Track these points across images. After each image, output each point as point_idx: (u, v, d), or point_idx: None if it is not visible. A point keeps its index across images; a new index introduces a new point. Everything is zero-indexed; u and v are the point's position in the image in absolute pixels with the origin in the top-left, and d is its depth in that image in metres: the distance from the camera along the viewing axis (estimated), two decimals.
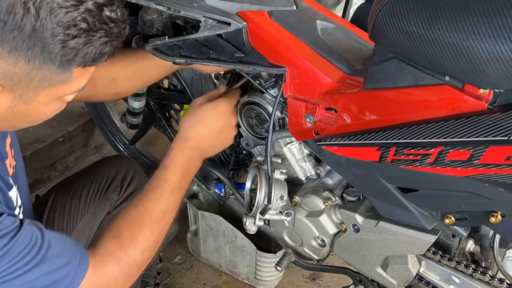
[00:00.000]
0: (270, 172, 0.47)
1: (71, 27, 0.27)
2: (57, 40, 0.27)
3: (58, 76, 0.29)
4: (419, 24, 0.33)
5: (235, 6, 0.44)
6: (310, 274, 0.77)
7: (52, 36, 0.27)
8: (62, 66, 0.28)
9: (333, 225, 0.49)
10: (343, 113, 0.41)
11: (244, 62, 0.44)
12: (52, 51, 0.27)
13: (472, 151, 0.33)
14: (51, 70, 0.28)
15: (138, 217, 0.40)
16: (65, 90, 0.31)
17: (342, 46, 0.47)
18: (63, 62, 0.28)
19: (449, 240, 0.46)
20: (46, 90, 0.30)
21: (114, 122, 0.88)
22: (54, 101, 0.32)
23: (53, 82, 0.29)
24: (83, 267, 0.34)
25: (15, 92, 0.29)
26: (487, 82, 0.32)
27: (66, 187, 0.55)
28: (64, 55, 0.28)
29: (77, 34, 0.27)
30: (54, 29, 0.26)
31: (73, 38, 0.27)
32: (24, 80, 0.28)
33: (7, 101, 0.29)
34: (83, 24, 0.27)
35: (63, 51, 0.27)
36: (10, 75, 0.28)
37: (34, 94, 0.30)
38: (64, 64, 0.28)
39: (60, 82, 0.30)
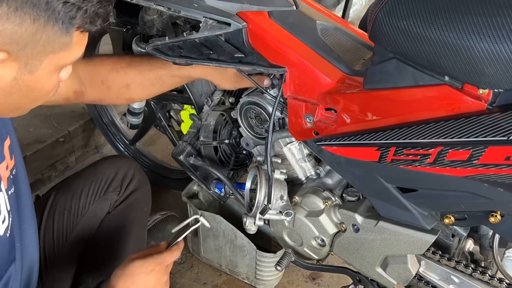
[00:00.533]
0: (270, 172, 0.47)
1: None
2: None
3: (60, 39, 0.30)
4: (418, 24, 0.33)
5: (235, 7, 0.44)
6: (310, 274, 0.77)
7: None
8: (65, 25, 0.29)
9: (333, 225, 0.49)
10: (343, 113, 0.41)
11: (244, 62, 0.45)
12: (55, 8, 0.28)
13: (471, 151, 0.33)
14: (55, 30, 0.29)
15: None
16: (66, 58, 0.31)
17: (342, 47, 0.47)
18: (65, 20, 0.29)
19: (448, 240, 0.46)
20: (49, 57, 0.30)
21: (114, 122, 0.89)
22: (56, 71, 0.32)
23: (56, 46, 0.30)
24: None
25: (20, 60, 0.29)
26: (487, 82, 0.32)
27: (66, 187, 0.55)
28: (66, 12, 0.28)
29: None
30: None
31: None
32: (30, 43, 0.29)
33: (13, 71, 0.29)
34: None
35: (65, 7, 0.28)
36: (16, 37, 0.28)
37: (38, 62, 0.30)
38: (67, 23, 0.29)
39: (62, 46, 0.30)
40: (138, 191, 0.57)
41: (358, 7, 1.04)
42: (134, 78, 0.50)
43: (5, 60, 0.28)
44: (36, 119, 0.90)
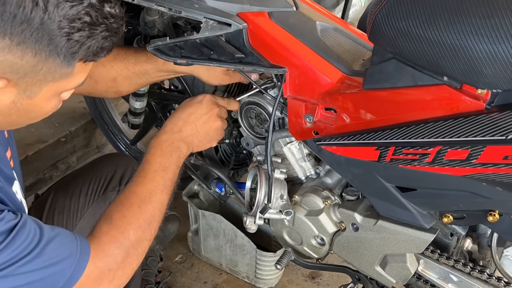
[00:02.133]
0: (270, 171, 0.47)
1: (76, 20, 0.28)
2: (63, 32, 0.28)
3: (61, 70, 0.30)
4: (417, 25, 0.33)
5: (235, 7, 0.44)
6: (310, 273, 0.77)
7: (58, 29, 0.28)
8: (67, 59, 0.29)
9: (332, 224, 0.49)
10: (343, 113, 0.42)
11: (245, 62, 0.45)
12: (58, 44, 0.28)
13: (470, 150, 0.33)
14: (56, 63, 0.29)
15: (125, 199, 0.41)
16: (66, 85, 0.32)
17: (342, 47, 0.47)
18: (67, 55, 0.29)
19: (447, 239, 0.46)
20: (49, 85, 0.31)
21: (115, 122, 0.89)
22: (55, 96, 0.33)
23: (56, 76, 0.30)
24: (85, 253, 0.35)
25: (20, 86, 0.30)
26: (485, 82, 0.33)
27: (65, 186, 0.56)
28: (69, 48, 0.29)
29: (81, 27, 0.28)
30: (60, 21, 0.28)
31: (78, 31, 0.28)
32: (30, 73, 0.29)
33: (11, 96, 0.30)
34: (86, 18, 0.29)
35: (68, 43, 0.29)
36: (17, 68, 0.28)
37: (37, 88, 0.30)
38: (69, 57, 0.29)
39: (62, 76, 0.31)
40: None
41: (358, 8, 1.04)
42: (120, 72, 0.50)
43: (5, 86, 0.29)
44: None
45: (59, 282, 0.33)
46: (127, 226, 0.39)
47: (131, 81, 0.51)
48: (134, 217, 0.40)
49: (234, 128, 0.58)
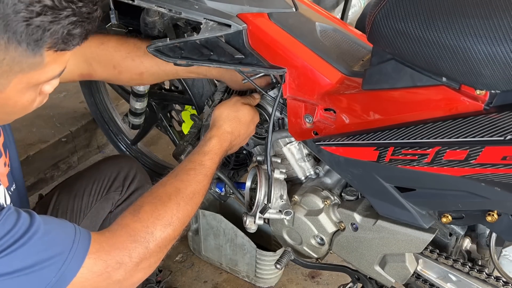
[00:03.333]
0: (269, 171, 0.47)
1: (34, 3, 0.26)
2: (20, 17, 0.26)
3: (28, 59, 0.28)
4: (416, 26, 0.33)
5: (235, 8, 0.45)
6: (309, 272, 0.77)
7: (14, 13, 0.25)
8: (31, 47, 0.27)
9: (332, 224, 0.50)
10: (342, 113, 0.42)
11: (244, 63, 0.45)
12: (16, 30, 0.26)
13: (468, 151, 0.34)
14: (19, 51, 0.27)
15: (164, 194, 0.38)
16: (39, 77, 0.29)
17: (341, 48, 0.47)
18: (30, 42, 0.27)
19: (446, 239, 0.46)
20: (18, 76, 0.28)
21: (116, 123, 0.89)
22: (29, 89, 0.30)
23: (24, 66, 0.28)
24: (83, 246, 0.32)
25: None
26: (484, 83, 0.33)
27: (68, 187, 0.56)
28: (30, 34, 0.26)
29: (41, 11, 0.26)
30: (15, 5, 0.25)
31: (38, 15, 0.26)
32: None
33: None
34: (47, 1, 0.26)
35: (28, 29, 0.26)
36: None
37: (5, 80, 0.28)
38: (32, 45, 0.27)
39: (31, 66, 0.28)
40: (140, 190, 0.58)
41: (357, 8, 1.04)
42: (149, 68, 0.49)
43: None
44: (39, 120, 0.91)
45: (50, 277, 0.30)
46: (155, 221, 0.36)
47: (157, 77, 0.51)
48: (168, 213, 0.37)
49: None
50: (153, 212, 0.37)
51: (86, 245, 0.33)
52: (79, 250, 0.32)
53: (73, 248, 0.32)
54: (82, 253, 0.32)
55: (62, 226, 0.33)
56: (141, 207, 0.37)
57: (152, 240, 0.36)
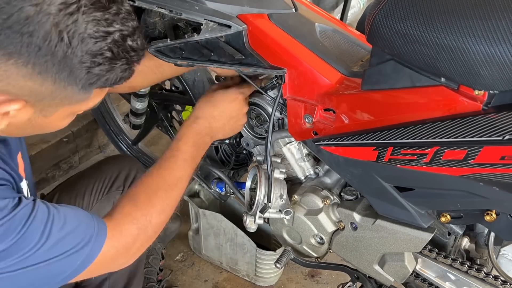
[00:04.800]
0: (269, 171, 0.47)
1: (98, 56, 0.29)
2: (84, 66, 0.29)
3: (78, 96, 0.31)
4: (415, 27, 0.33)
5: (235, 9, 0.45)
6: (309, 271, 0.78)
7: (80, 63, 0.29)
8: (84, 88, 0.31)
9: (331, 223, 0.50)
10: (341, 113, 0.42)
11: (245, 64, 0.45)
12: (78, 75, 0.29)
13: (467, 151, 0.34)
14: (74, 91, 0.30)
15: (153, 182, 0.42)
16: (81, 107, 0.33)
17: (340, 48, 0.47)
18: (85, 85, 0.30)
19: (445, 238, 0.46)
20: (65, 107, 0.32)
21: (117, 123, 0.90)
22: (70, 115, 0.34)
23: (73, 100, 0.32)
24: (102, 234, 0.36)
25: (37, 107, 0.31)
26: (482, 84, 0.33)
27: (70, 186, 0.57)
28: (88, 79, 0.30)
29: (102, 62, 0.29)
30: (83, 56, 0.29)
31: (98, 65, 0.29)
32: (48, 98, 0.30)
33: (27, 115, 0.31)
34: (108, 53, 0.29)
35: (87, 76, 0.30)
36: (36, 93, 0.30)
37: (54, 109, 0.32)
38: (86, 86, 0.31)
39: (79, 100, 0.32)
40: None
41: (356, 9, 1.04)
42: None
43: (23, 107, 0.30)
44: None
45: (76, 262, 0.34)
46: (151, 209, 0.40)
47: (145, 76, 0.52)
48: (159, 201, 0.40)
49: None
50: (149, 201, 0.40)
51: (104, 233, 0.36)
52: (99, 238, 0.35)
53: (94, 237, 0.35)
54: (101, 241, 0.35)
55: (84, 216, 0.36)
56: (137, 196, 0.41)
57: (150, 226, 0.40)
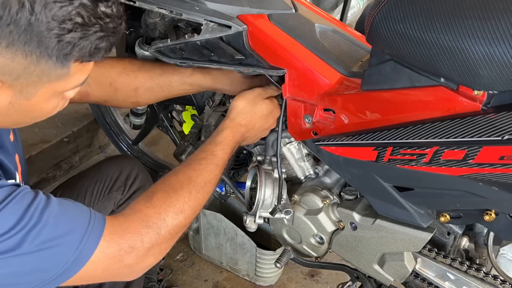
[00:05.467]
0: (279, 172, 0.47)
1: (66, 21, 0.27)
2: (52, 34, 0.27)
3: (56, 71, 0.29)
4: (415, 27, 0.33)
5: (235, 10, 0.45)
6: (309, 271, 0.78)
7: (47, 30, 0.27)
8: (60, 60, 0.28)
9: (331, 223, 0.50)
10: (341, 114, 0.42)
11: (245, 64, 0.45)
12: (48, 45, 0.27)
13: (466, 151, 0.34)
14: (49, 64, 0.28)
15: (176, 182, 0.39)
16: (65, 86, 0.31)
17: (340, 49, 0.47)
18: (60, 56, 0.28)
19: (444, 238, 0.46)
20: (46, 85, 0.30)
21: (117, 123, 0.90)
22: (55, 96, 0.32)
23: (52, 77, 0.29)
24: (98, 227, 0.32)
25: (15, 88, 0.29)
26: (481, 84, 0.33)
27: (71, 186, 0.56)
28: (60, 49, 0.28)
29: (72, 28, 0.27)
30: (49, 23, 0.26)
31: (69, 32, 0.27)
32: (23, 75, 0.28)
33: (7, 97, 0.29)
34: (78, 19, 0.27)
35: (59, 45, 0.27)
36: (9, 69, 0.28)
37: (33, 89, 0.29)
38: (61, 58, 0.28)
39: (58, 77, 0.30)
40: (141, 190, 0.58)
41: (356, 10, 1.04)
42: (144, 82, 0.50)
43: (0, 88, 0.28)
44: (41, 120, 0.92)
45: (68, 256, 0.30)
46: (167, 208, 0.36)
47: (153, 93, 0.51)
48: (180, 200, 0.37)
49: None
50: (165, 199, 0.37)
51: (102, 226, 0.33)
52: (95, 231, 0.32)
53: (89, 228, 0.32)
54: (97, 234, 0.32)
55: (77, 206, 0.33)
56: (154, 193, 0.37)
57: (164, 226, 0.36)
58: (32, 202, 0.30)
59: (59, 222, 0.31)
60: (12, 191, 0.30)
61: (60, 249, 0.30)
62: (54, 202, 0.32)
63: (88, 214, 0.33)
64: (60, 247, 0.30)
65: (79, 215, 0.33)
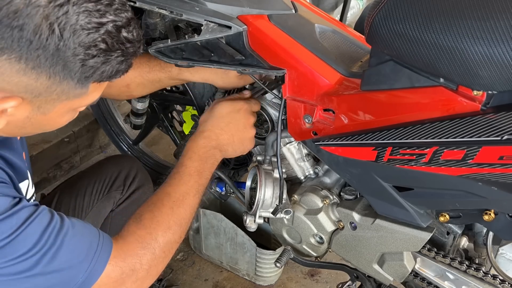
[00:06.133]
0: (280, 172, 0.47)
1: (91, 48, 0.29)
2: (77, 59, 0.29)
3: (76, 91, 0.31)
4: (414, 28, 0.33)
5: (235, 10, 0.45)
6: (309, 271, 0.78)
7: (73, 56, 0.28)
8: (81, 82, 0.30)
9: (331, 222, 0.50)
10: (341, 114, 0.42)
11: (245, 64, 0.45)
12: (72, 69, 0.29)
13: (466, 151, 0.34)
14: (70, 85, 0.30)
15: (158, 200, 0.40)
16: (81, 103, 0.33)
17: (340, 49, 0.47)
18: (81, 78, 0.30)
19: (443, 238, 0.46)
20: (63, 103, 0.32)
21: (118, 123, 0.90)
22: (70, 112, 0.34)
23: (71, 95, 0.31)
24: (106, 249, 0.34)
25: (34, 104, 0.31)
26: (481, 84, 0.33)
27: (70, 186, 0.57)
28: (83, 72, 0.30)
29: (96, 54, 0.29)
30: (75, 49, 0.28)
31: (93, 57, 0.29)
32: (44, 93, 0.30)
33: (25, 112, 0.31)
34: (102, 45, 0.29)
35: (82, 69, 0.29)
36: (31, 89, 0.29)
37: (51, 106, 0.31)
38: (83, 80, 0.30)
39: (77, 96, 0.32)
40: (140, 189, 0.59)
41: (356, 10, 1.05)
42: (134, 79, 0.50)
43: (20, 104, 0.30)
44: None
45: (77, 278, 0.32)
46: (156, 227, 0.38)
47: (145, 87, 0.52)
48: (164, 218, 0.39)
49: None
50: (152, 219, 0.39)
51: (109, 249, 0.35)
52: (103, 254, 0.34)
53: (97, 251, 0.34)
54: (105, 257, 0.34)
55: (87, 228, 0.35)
56: (142, 215, 0.39)
57: (157, 246, 0.38)
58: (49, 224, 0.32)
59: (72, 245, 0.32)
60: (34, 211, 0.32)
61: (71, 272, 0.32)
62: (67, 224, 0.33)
63: (97, 237, 0.35)
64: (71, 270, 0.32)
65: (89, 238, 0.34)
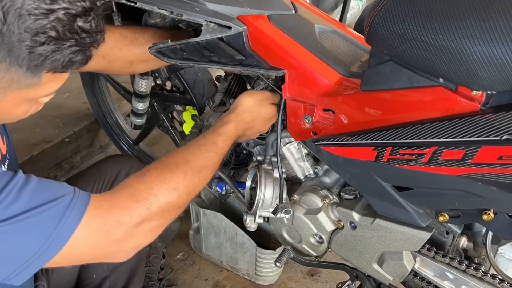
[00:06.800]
0: (280, 172, 0.47)
1: (39, 34, 0.27)
2: (23, 45, 0.27)
3: (27, 80, 0.29)
4: (414, 28, 0.34)
5: (235, 11, 0.45)
6: (309, 270, 0.78)
7: (19, 41, 0.27)
8: (30, 70, 0.28)
9: (330, 222, 0.50)
10: (340, 114, 0.42)
11: (245, 64, 0.46)
12: (18, 55, 0.27)
13: (465, 150, 0.34)
14: (19, 73, 0.28)
15: (173, 162, 0.37)
16: (36, 93, 0.31)
17: (340, 49, 0.48)
18: (30, 66, 0.28)
19: (443, 237, 0.46)
20: (16, 92, 0.30)
21: (118, 123, 0.90)
22: (25, 102, 0.32)
23: (22, 85, 0.29)
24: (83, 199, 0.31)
25: None
26: (480, 84, 0.33)
27: None
28: (31, 60, 0.28)
29: (45, 41, 0.27)
30: (21, 34, 0.27)
31: (41, 44, 0.27)
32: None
33: None
34: (52, 33, 0.27)
35: (30, 56, 0.27)
36: None
37: (2, 94, 0.29)
38: (32, 68, 0.28)
39: (29, 85, 0.29)
40: None
41: (355, 11, 1.05)
42: (138, 56, 0.49)
43: None
44: (42, 120, 0.92)
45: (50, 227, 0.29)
46: (160, 184, 0.34)
47: (148, 64, 0.51)
48: (174, 179, 0.36)
49: None
50: (158, 176, 0.36)
51: (86, 201, 0.32)
52: (78, 205, 0.31)
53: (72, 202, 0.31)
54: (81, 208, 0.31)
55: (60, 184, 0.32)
56: (147, 171, 0.36)
57: (155, 202, 0.34)
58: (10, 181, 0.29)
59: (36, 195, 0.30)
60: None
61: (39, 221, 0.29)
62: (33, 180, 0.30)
63: (72, 190, 0.32)
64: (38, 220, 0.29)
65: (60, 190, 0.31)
